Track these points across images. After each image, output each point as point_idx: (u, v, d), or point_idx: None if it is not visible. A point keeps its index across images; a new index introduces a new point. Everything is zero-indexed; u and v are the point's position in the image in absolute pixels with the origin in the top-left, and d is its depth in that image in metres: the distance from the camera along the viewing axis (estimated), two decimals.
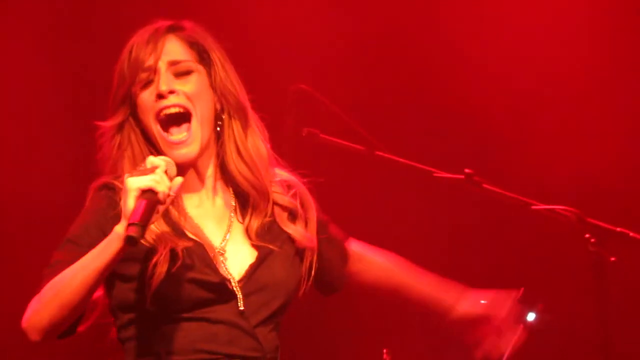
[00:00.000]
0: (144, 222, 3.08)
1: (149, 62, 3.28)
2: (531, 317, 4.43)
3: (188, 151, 3.24)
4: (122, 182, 3.17)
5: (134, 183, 3.09)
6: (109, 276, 3.21)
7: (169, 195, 3.11)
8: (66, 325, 3.25)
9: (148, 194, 3.10)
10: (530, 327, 4.32)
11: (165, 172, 3.10)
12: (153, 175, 3.12)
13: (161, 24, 3.37)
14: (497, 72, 6.76)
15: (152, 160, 3.11)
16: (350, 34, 6.80)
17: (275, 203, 3.45)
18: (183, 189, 3.31)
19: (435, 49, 6.77)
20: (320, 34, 6.68)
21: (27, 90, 6.71)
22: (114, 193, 3.32)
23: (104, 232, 3.16)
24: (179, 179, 3.18)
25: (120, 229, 3.07)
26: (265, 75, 5.37)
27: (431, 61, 6.79)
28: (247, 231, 3.42)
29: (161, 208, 3.14)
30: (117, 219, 3.11)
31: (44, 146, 6.58)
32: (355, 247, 3.69)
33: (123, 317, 3.28)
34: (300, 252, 3.46)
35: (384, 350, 4.78)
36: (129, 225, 3.04)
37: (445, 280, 3.78)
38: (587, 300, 5.12)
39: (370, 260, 3.81)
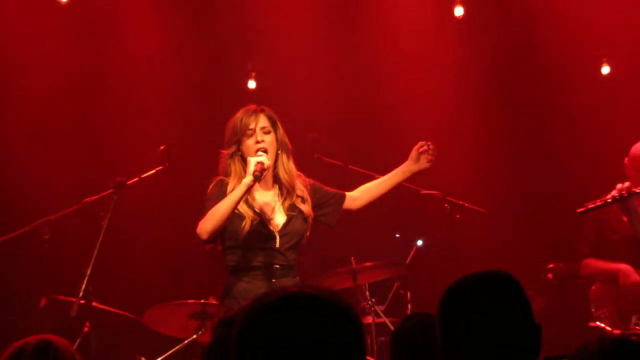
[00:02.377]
0: (259, 174, 5.01)
1: (251, 126, 5.19)
2: (420, 242, 6.65)
3: (266, 165, 5.12)
4: (230, 180, 5.16)
5: (255, 159, 5.06)
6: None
7: (265, 169, 5.04)
8: (215, 234, 5.11)
9: (260, 164, 5.01)
10: (418, 249, 6.62)
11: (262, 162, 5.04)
12: (261, 157, 5.03)
13: (255, 107, 5.31)
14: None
15: (255, 158, 5.08)
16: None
17: (297, 195, 5.31)
18: (259, 185, 5.25)
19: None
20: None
21: None
22: (223, 184, 5.20)
23: (225, 196, 5.03)
24: (267, 162, 5.07)
25: (247, 179, 4.99)
26: (294, 128, 5.77)
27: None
28: (282, 206, 5.30)
29: (263, 172, 4.99)
30: (226, 195, 5.08)
31: None
32: (349, 193, 5.49)
33: (226, 244, 5.24)
34: (305, 217, 5.32)
35: (352, 258, 6.04)
36: (254, 173, 4.94)
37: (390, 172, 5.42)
38: (446, 235, 6.71)
39: (358, 192, 5.54)
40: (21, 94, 7.37)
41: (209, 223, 5.09)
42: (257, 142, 5.19)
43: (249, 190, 5.09)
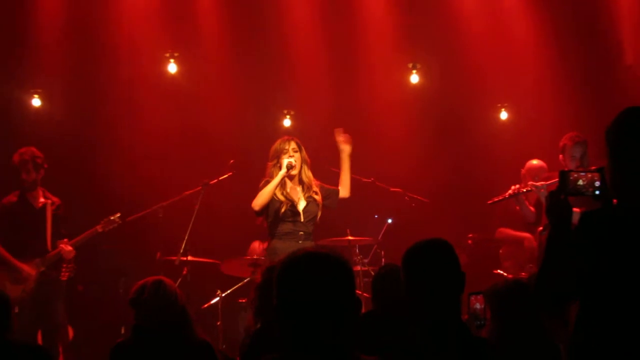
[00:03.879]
0: (290, 168, 5.14)
1: (286, 147, 5.34)
2: (389, 220, 6.59)
3: (294, 174, 5.38)
4: (272, 179, 5.24)
5: (287, 160, 5.18)
6: (266, 206, 5.14)
7: (293, 166, 5.18)
8: (262, 207, 5.16)
9: (289, 162, 5.16)
10: (389, 225, 6.51)
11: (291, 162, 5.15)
12: (291, 159, 5.17)
13: (288, 137, 5.46)
14: None
15: (287, 159, 5.21)
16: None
17: (313, 190, 5.40)
18: (291, 183, 5.29)
19: None
20: None
21: None
22: (267, 182, 5.27)
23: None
24: (294, 162, 5.17)
25: (282, 171, 5.13)
26: (313, 149, 5.67)
27: None
28: (304, 196, 5.36)
29: (290, 169, 5.12)
30: (266, 184, 5.23)
31: None
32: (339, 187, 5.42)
33: (270, 219, 5.33)
34: (317, 203, 5.36)
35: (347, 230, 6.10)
36: (289, 167, 5.07)
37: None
38: (405, 216, 6.69)
39: (340, 185, 5.43)
40: (145, 134, 7.34)
41: (259, 200, 5.19)
42: (290, 157, 5.29)
43: (282, 178, 5.15)
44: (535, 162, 6.02)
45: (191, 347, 3.29)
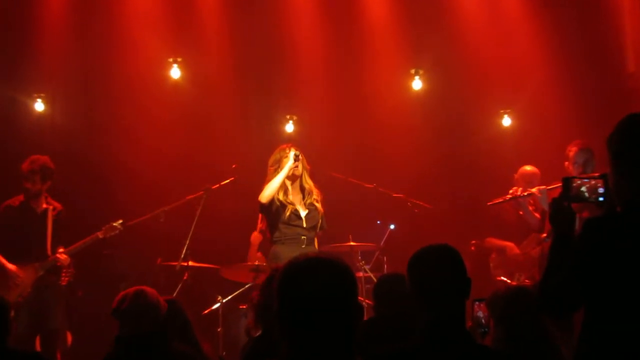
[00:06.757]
0: (297, 159, 5.15)
1: (289, 153, 5.39)
2: (392, 226, 6.54)
3: (298, 174, 5.40)
4: (278, 171, 5.25)
5: (293, 152, 5.22)
6: (270, 206, 5.18)
7: (299, 157, 5.21)
8: (269, 200, 5.15)
9: (295, 155, 5.28)
10: (391, 231, 6.49)
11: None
12: (297, 151, 5.29)
13: (291, 144, 5.52)
14: None
15: (293, 152, 5.24)
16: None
17: (314, 197, 5.43)
18: (293, 191, 5.33)
19: None
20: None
21: None
22: (275, 170, 5.32)
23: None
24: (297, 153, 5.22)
25: (289, 163, 5.14)
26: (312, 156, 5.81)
27: None
28: (305, 203, 5.41)
29: (297, 160, 5.14)
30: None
31: None
32: None
33: (274, 225, 5.34)
34: (319, 212, 5.41)
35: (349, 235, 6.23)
36: (296, 158, 5.19)
37: None
38: (408, 222, 6.74)
39: None
40: (146, 139, 7.32)
41: (267, 191, 5.22)
42: (295, 162, 5.36)
43: (289, 170, 5.18)
44: (528, 167, 6.01)
45: (172, 358, 3.24)
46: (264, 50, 7.34)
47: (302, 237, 5.23)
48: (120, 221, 5.88)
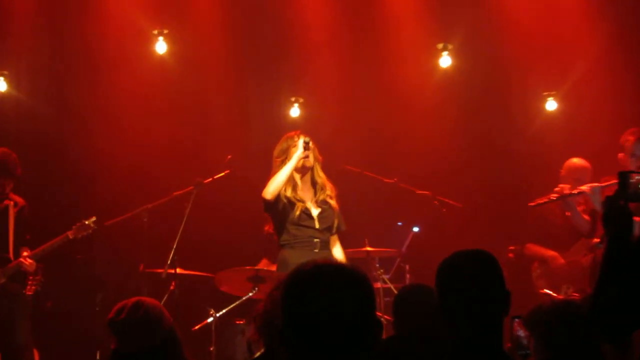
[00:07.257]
0: (307, 148, 5.16)
1: (297, 142, 5.29)
2: (416, 228, 6.58)
3: (309, 166, 5.34)
4: (285, 162, 5.22)
5: (302, 140, 5.18)
6: (276, 204, 5.17)
7: (309, 145, 5.16)
8: (274, 195, 5.19)
9: (305, 143, 5.17)
10: (415, 234, 6.55)
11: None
12: (307, 138, 5.24)
13: (299, 131, 5.45)
14: None
15: (302, 139, 5.20)
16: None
17: (327, 193, 5.40)
18: (304, 187, 5.35)
19: None
20: None
21: None
22: (282, 161, 5.25)
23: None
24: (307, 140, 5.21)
25: (298, 153, 5.11)
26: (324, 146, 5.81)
27: None
28: (318, 200, 5.47)
29: (307, 148, 5.12)
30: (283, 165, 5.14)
31: None
32: None
33: (282, 226, 5.31)
34: (334, 210, 5.42)
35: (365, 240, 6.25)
36: (306, 147, 5.11)
37: None
38: (435, 223, 6.81)
39: None
40: (127, 124, 7.33)
41: (272, 186, 5.18)
42: (305, 150, 5.28)
43: (298, 160, 5.17)
44: (576, 160, 6.02)
45: None
46: (265, 20, 7.34)
47: (315, 239, 5.23)
48: (94, 219, 5.87)
